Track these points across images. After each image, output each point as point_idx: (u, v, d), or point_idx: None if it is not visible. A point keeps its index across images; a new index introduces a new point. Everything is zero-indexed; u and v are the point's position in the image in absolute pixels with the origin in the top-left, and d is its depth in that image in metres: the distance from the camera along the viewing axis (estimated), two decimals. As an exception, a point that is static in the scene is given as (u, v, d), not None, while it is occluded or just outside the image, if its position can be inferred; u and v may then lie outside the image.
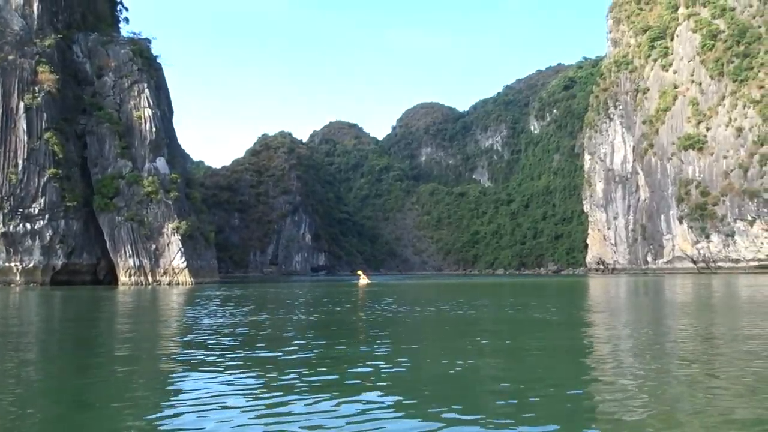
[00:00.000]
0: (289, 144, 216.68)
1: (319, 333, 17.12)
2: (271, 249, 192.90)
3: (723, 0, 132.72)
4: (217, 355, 12.05)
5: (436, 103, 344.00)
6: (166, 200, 64.97)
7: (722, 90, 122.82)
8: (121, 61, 70.44)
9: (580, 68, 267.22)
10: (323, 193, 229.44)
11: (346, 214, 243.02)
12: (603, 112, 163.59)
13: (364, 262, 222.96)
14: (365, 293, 43.28)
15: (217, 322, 19.82)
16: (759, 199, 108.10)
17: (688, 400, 7.89)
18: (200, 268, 67.03)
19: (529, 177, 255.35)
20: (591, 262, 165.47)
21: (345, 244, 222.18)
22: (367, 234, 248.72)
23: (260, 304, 31.58)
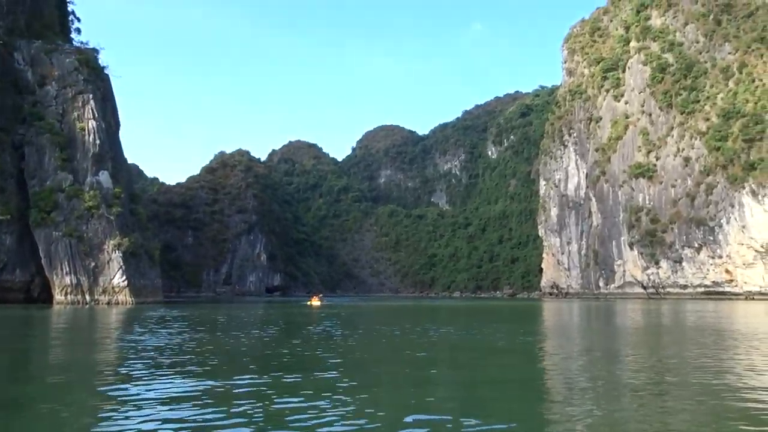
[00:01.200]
0: (247, 162, 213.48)
1: (250, 362, 15.68)
2: (225, 268, 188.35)
3: (672, 35, 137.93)
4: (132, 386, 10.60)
5: (396, 126, 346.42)
6: (108, 215, 62.09)
7: (671, 121, 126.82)
8: (65, 70, 67.60)
9: (536, 96, 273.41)
10: (280, 212, 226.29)
11: (303, 234, 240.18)
12: (558, 140, 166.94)
13: (320, 283, 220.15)
14: (317, 316, 41.78)
15: (143, 344, 18.13)
16: (705, 227, 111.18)
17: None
18: (143, 287, 64.05)
19: (487, 201, 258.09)
20: (545, 286, 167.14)
21: (302, 265, 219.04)
22: (325, 255, 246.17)
23: (195, 327, 29.76)
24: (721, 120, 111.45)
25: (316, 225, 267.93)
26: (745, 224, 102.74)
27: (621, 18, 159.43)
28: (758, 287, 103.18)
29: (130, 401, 9.55)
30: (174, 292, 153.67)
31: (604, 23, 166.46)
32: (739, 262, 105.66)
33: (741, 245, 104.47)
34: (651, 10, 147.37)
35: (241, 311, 48.93)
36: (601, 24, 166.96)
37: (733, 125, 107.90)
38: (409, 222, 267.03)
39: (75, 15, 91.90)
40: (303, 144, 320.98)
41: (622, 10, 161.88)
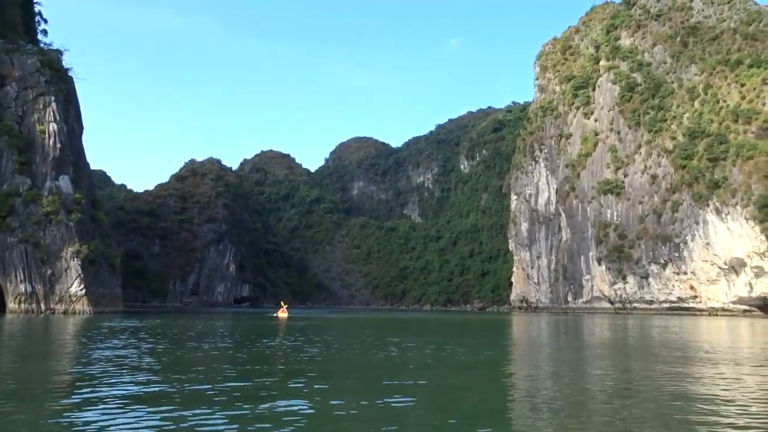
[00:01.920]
0: (218, 171, 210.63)
1: (207, 375, 14.74)
2: (193, 278, 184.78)
3: (640, 55, 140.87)
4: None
5: (369, 138, 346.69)
6: (67, 222, 59.99)
7: (639, 139, 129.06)
8: (26, 71, 65.47)
9: (509, 112, 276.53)
10: (251, 222, 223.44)
11: (273, 245, 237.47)
12: (529, 155, 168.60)
13: (290, 295, 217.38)
14: (284, 328, 40.72)
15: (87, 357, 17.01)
16: (671, 243, 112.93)
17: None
18: (102, 296, 61.95)
19: (458, 214, 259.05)
20: (515, 300, 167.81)
21: (271, 276, 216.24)
22: (295, 266, 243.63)
23: (147, 338, 28.50)
24: (687, 139, 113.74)
25: (288, 236, 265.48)
26: (709, 241, 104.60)
27: (591, 37, 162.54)
28: (721, 303, 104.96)
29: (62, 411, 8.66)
30: (138, 302, 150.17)
31: (575, 42, 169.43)
32: (703, 279, 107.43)
33: (705, 262, 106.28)
34: (620, 30, 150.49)
35: (202, 322, 47.55)
36: (572, 43, 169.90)
37: (699, 144, 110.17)
38: (381, 234, 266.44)
39: (42, 16, 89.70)
40: (276, 154, 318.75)
41: (592, 30, 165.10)
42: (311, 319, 61.76)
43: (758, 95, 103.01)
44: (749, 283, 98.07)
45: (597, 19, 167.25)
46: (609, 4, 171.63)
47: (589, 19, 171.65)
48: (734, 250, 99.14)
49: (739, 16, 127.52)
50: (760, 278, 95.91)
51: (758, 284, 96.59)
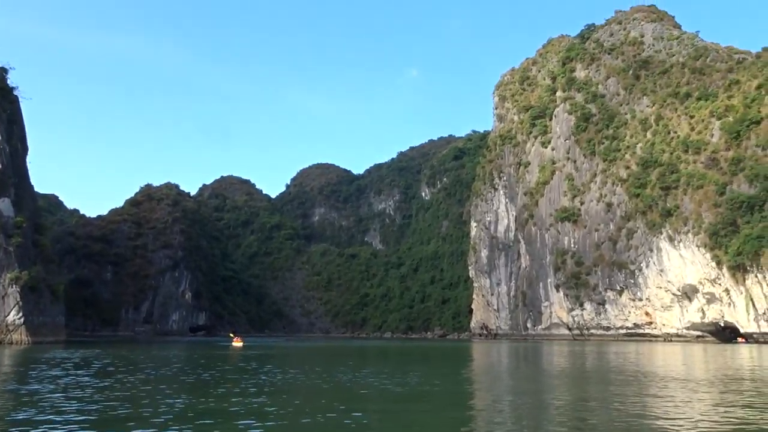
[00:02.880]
0: (175, 196, 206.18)
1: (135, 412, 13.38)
2: (146, 306, 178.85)
3: (594, 87, 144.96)
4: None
5: (331, 164, 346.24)
6: (6, 246, 56.93)
7: (594, 168, 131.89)
8: (-32, 88, 62.86)
9: (469, 140, 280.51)
10: (208, 248, 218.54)
11: (231, 272, 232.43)
12: (489, 183, 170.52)
13: (248, 323, 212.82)
14: (237, 358, 38.97)
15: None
16: (626, 270, 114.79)
17: None
18: (42, 325, 58.70)
19: (419, 241, 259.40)
20: (475, 327, 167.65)
21: (228, 303, 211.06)
22: (254, 293, 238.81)
23: (80, 370, 26.61)
24: (640, 168, 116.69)
25: (246, 262, 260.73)
26: (663, 268, 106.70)
27: (548, 69, 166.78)
28: (675, 329, 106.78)
29: None
30: (88, 332, 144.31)
31: (532, 73, 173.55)
32: (657, 305, 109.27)
33: (659, 288, 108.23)
34: (575, 62, 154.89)
35: (145, 352, 45.27)
36: (529, 74, 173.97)
37: (651, 173, 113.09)
38: (342, 261, 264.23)
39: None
40: (235, 179, 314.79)
41: (549, 62, 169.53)
42: (267, 347, 59.80)
43: (706, 127, 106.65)
44: (701, 309, 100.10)
45: (553, 52, 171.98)
46: (564, 38, 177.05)
47: (545, 52, 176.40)
48: (687, 277, 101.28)
49: (687, 52, 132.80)
50: (711, 304, 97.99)
51: (710, 310, 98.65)
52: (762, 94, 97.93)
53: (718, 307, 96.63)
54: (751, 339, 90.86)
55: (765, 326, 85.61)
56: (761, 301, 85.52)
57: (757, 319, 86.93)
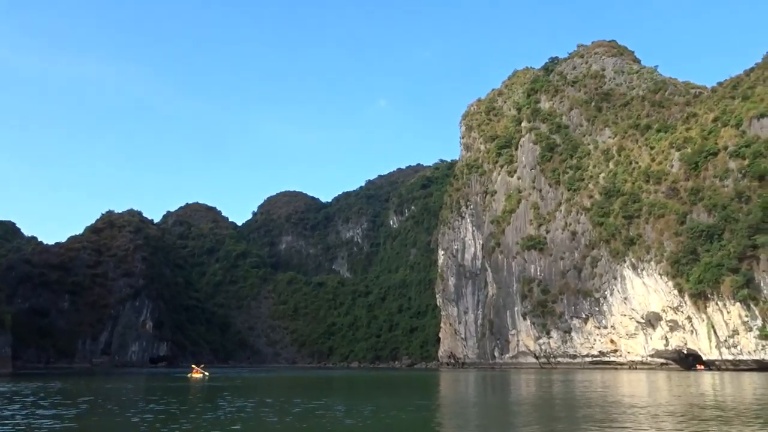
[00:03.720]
0: (138, 223, 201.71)
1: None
2: (105, 337, 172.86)
3: (558, 118, 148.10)
4: None
5: (299, 192, 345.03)
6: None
7: (559, 197, 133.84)
8: None
9: (437, 169, 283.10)
10: (171, 277, 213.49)
11: (195, 301, 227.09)
12: (456, 211, 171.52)
13: (211, 353, 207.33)
14: (194, 390, 37.35)
15: None
16: (591, 298, 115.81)
17: None
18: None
19: (387, 270, 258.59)
20: (443, 356, 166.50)
21: (191, 333, 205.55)
22: (218, 323, 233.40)
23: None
24: (603, 198, 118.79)
25: (211, 291, 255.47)
26: (627, 296, 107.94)
27: (513, 100, 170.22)
28: (640, 357, 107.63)
29: None
30: (42, 364, 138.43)
31: (498, 104, 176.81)
32: (622, 333, 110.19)
33: (624, 316, 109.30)
34: (540, 94, 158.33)
35: (99, 384, 43.20)
36: (495, 104, 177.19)
37: (614, 203, 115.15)
38: (309, 290, 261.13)
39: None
40: (201, 207, 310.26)
41: (514, 93, 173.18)
42: (229, 378, 57.87)
43: (666, 158, 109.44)
44: (665, 336, 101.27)
45: (518, 83, 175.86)
46: (529, 70, 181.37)
47: (511, 83, 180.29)
48: (650, 305, 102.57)
49: (647, 85, 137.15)
50: (674, 332, 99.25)
51: (673, 338, 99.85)
52: (718, 126, 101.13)
53: (681, 335, 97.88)
54: (713, 366, 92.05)
55: (726, 353, 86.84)
56: (722, 329, 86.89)
57: (718, 346, 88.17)
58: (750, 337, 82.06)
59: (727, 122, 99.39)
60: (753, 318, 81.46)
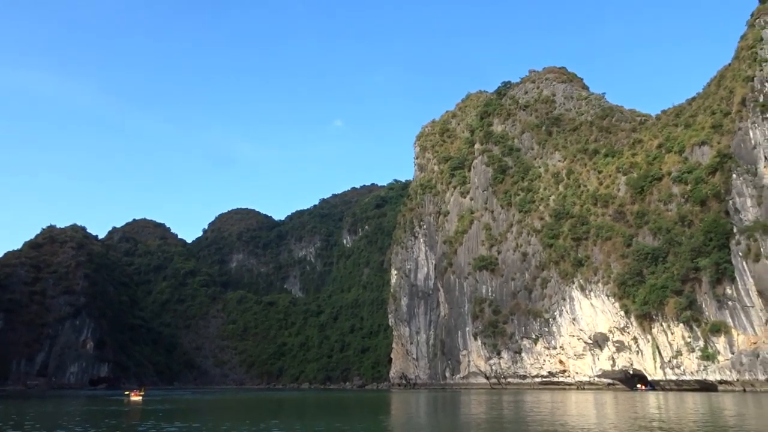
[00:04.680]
0: (81, 239, 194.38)
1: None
2: (41, 357, 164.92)
3: (510, 141, 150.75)
4: None
5: (251, 210, 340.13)
6: None
7: (510, 218, 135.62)
8: None
9: (391, 189, 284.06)
10: (115, 295, 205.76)
11: (140, 320, 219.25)
12: (409, 231, 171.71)
13: (156, 374, 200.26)
14: (130, 415, 35.26)
15: None
16: (541, 319, 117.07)
17: None
18: None
19: (340, 289, 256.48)
20: (394, 377, 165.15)
21: (135, 354, 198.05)
22: (164, 342, 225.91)
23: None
24: (553, 219, 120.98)
25: (157, 310, 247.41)
26: (575, 317, 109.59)
27: (467, 122, 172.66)
28: (588, 377, 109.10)
29: None
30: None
31: (452, 125, 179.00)
32: (571, 353, 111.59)
33: (572, 337, 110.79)
34: (493, 117, 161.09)
35: (18, 408, 40.43)
36: (449, 126, 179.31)
37: (564, 225, 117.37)
38: (260, 309, 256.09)
39: None
40: (149, 223, 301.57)
41: (468, 115, 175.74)
42: (171, 401, 55.35)
43: (613, 182, 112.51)
44: (612, 357, 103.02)
45: (472, 106, 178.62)
46: (482, 93, 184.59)
47: (464, 106, 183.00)
48: (598, 326, 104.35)
49: (595, 111, 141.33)
50: (621, 352, 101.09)
51: (620, 358, 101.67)
52: (662, 153, 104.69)
53: (627, 355, 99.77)
54: (657, 386, 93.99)
55: (670, 374, 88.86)
56: (666, 349, 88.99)
57: (662, 367, 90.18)
58: (692, 358, 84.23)
59: (670, 149, 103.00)
60: (695, 339, 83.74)
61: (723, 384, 79.96)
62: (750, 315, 76.24)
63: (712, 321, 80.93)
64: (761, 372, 73.43)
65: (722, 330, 79.46)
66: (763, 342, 73.84)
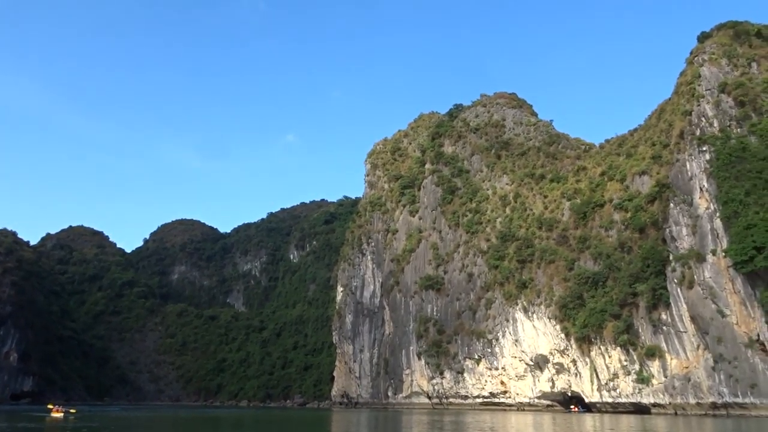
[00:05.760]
0: (10, 244, 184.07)
1: None
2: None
3: (460, 162, 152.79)
4: None
5: (196, 221, 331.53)
6: None
7: (458, 239, 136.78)
8: None
9: (340, 205, 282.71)
10: (45, 304, 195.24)
11: (71, 332, 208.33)
12: (357, 248, 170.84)
13: (85, 389, 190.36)
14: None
15: None
16: (484, 339, 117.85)
17: None
18: None
19: (284, 305, 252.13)
20: (336, 396, 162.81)
21: (63, 367, 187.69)
22: (96, 356, 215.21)
23: None
24: (499, 241, 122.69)
25: (90, 322, 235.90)
26: (517, 338, 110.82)
27: (418, 142, 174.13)
28: (528, 398, 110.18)
29: None
30: None
31: (404, 144, 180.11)
32: (512, 374, 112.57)
33: (514, 358, 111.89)
34: (444, 138, 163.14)
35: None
36: (401, 145, 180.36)
37: (509, 247, 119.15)
38: (200, 323, 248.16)
39: None
40: (86, 230, 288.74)
41: (419, 135, 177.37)
42: (95, 419, 52.33)
43: (558, 206, 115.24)
44: (551, 378, 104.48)
45: (424, 126, 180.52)
46: (434, 114, 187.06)
47: (417, 125, 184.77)
48: (539, 347, 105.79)
49: (542, 137, 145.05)
50: (560, 374, 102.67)
51: (559, 380, 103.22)
52: (605, 180, 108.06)
53: (566, 377, 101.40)
54: (594, 408, 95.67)
55: (606, 396, 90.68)
56: (604, 372, 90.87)
57: (600, 389, 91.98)
58: (628, 381, 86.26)
59: (612, 177, 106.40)
60: (632, 362, 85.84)
61: (656, 407, 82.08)
62: (683, 340, 78.79)
63: (648, 345, 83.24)
64: (692, 396, 75.75)
65: (657, 354, 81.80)
66: (694, 366, 76.30)
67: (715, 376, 71.84)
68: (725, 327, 70.88)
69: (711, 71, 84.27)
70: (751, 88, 78.68)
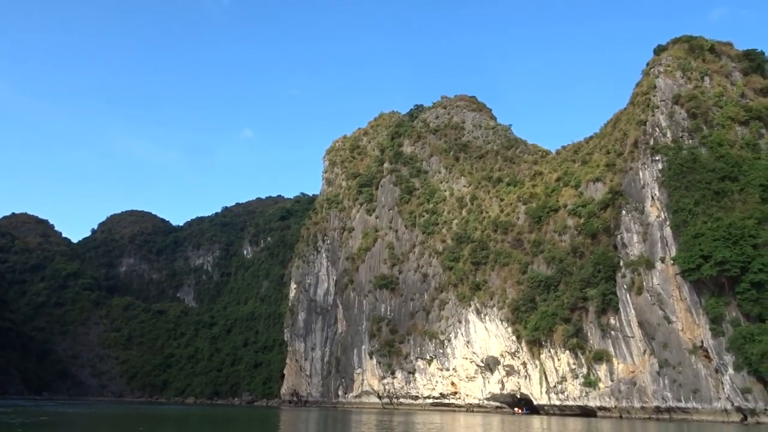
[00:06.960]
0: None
1: None
2: None
3: (419, 163, 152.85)
4: None
5: (147, 213, 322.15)
6: None
7: (414, 239, 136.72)
8: None
9: (297, 202, 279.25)
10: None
11: (9, 323, 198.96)
12: (312, 245, 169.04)
13: (23, 383, 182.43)
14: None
15: None
16: (437, 340, 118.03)
17: None
18: None
19: (236, 301, 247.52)
20: (285, 394, 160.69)
21: (0, 359, 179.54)
22: (35, 349, 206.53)
23: None
24: (455, 243, 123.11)
25: (31, 313, 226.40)
26: (469, 339, 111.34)
27: (378, 141, 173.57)
28: (477, 400, 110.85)
29: None
30: None
31: (363, 143, 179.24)
32: (463, 376, 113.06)
33: (465, 359, 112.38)
34: (403, 138, 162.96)
35: None
36: (360, 143, 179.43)
37: (464, 249, 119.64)
38: (147, 317, 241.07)
39: None
40: (30, 218, 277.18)
41: (379, 134, 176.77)
42: (33, 413, 49.52)
43: (513, 210, 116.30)
44: (501, 380, 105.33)
45: (384, 125, 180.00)
46: (395, 113, 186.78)
47: (376, 124, 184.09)
48: (490, 349, 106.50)
49: (501, 141, 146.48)
50: (510, 376, 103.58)
51: (509, 382, 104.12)
52: (560, 186, 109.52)
53: (516, 380, 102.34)
54: (542, 410, 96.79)
55: (555, 399, 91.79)
56: (552, 375, 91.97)
57: (548, 392, 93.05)
58: (576, 384, 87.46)
59: (567, 183, 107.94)
60: (580, 366, 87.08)
61: (602, 410, 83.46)
62: (630, 345, 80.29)
63: (596, 349, 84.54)
64: (637, 400, 77.24)
65: (604, 358, 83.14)
66: (640, 371, 77.83)
67: (659, 381, 73.39)
68: (671, 333, 72.50)
69: (666, 83, 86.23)
70: (704, 101, 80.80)
